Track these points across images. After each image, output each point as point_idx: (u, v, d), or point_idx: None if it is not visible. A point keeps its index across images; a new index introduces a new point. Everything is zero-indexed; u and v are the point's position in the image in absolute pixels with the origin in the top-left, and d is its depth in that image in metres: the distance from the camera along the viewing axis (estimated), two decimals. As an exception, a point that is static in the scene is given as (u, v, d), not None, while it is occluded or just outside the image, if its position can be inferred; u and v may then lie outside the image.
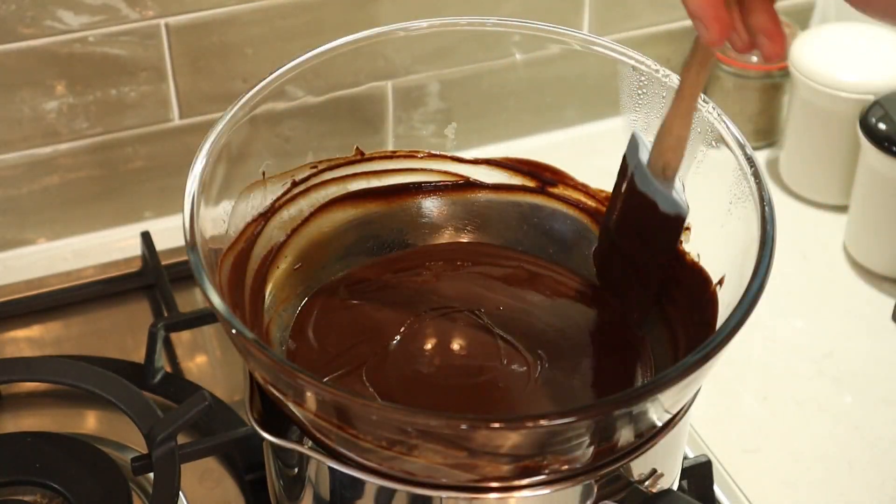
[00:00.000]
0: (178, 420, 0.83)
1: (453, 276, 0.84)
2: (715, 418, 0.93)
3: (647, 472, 0.70)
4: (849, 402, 0.96)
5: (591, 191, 0.85)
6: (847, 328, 1.02)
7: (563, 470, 0.66)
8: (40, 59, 1.01)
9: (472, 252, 0.86)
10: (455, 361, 0.77)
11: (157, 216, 1.11)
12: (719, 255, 0.75)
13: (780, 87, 1.15)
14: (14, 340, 1.01)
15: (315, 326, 0.79)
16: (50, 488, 0.83)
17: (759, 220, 0.70)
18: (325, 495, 0.71)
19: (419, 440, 0.63)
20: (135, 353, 0.97)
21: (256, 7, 1.04)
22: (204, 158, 0.72)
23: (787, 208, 1.12)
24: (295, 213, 0.83)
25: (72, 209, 1.09)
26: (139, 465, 0.82)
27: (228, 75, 1.06)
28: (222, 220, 0.75)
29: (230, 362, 0.98)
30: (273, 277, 0.81)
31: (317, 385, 0.63)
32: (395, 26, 0.82)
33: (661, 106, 0.79)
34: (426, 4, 1.08)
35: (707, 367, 0.64)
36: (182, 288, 1.01)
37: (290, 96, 0.80)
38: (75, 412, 0.93)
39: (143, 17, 1.01)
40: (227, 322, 0.65)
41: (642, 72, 0.79)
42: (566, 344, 0.79)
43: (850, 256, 1.08)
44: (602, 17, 1.15)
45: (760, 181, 0.72)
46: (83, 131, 1.05)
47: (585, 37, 0.82)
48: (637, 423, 0.66)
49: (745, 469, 0.90)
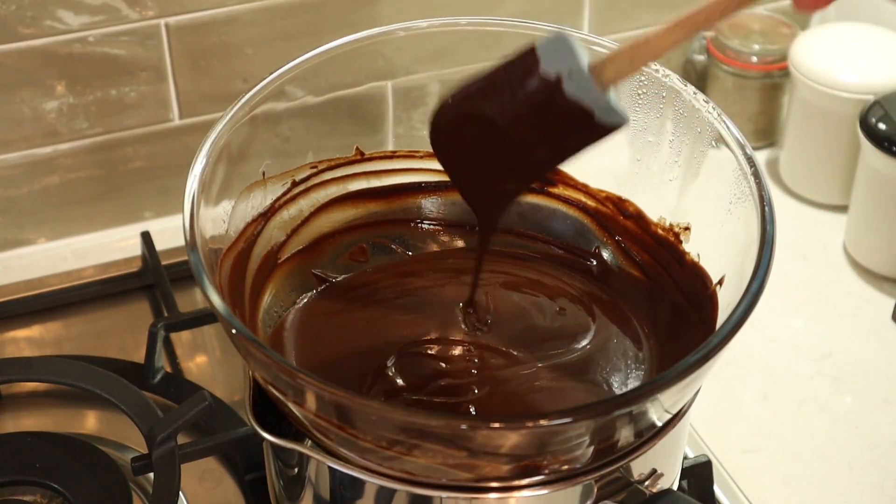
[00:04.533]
0: (178, 420, 0.83)
1: (453, 276, 0.83)
2: (715, 418, 0.93)
3: (647, 472, 0.70)
4: (849, 402, 0.96)
5: (591, 191, 0.85)
6: (847, 328, 1.02)
7: (563, 470, 0.66)
8: (40, 59, 1.01)
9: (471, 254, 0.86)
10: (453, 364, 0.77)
11: (157, 216, 1.11)
12: (719, 255, 0.75)
13: (780, 87, 1.15)
14: (14, 340, 1.01)
15: (314, 327, 0.79)
16: (50, 488, 0.83)
17: (759, 220, 0.70)
18: (325, 495, 0.71)
19: (419, 440, 0.63)
20: (135, 353, 0.97)
21: (256, 7, 1.04)
22: (204, 158, 0.72)
23: (787, 208, 1.12)
24: (295, 213, 0.83)
25: (72, 209, 1.09)
26: (139, 465, 0.82)
27: (228, 75, 1.06)
28: (222, 220, 0.75)
29: (230, 362, 0.98)
30: (273, 277, 0.81)
31: (317, 385, 0.63)
32: (395, 26, 0.82)
33: (661, 106, 0.79)
34: (426, 4, 1.08)
35: (707, 367, 0.64)
36: (182, 288, 1.01)
37: (290, 96, 0.80)
38: (75, 412, 0.93)
39: (143, 17, 1.01)
40: (227, 322, 0.65)
41: (642, 72, 0.79)
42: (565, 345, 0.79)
43: (850, 256, 1.08)
44: (602, 17, 1.15)
45: (760, 181, 0.72)
46: (83, 131, 1.05)
47: (585, 37, 0.82)
48: (637, 423, 0.66)
49: (745, 469, 0.90)
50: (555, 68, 0.66)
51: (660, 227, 0.81)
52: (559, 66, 0.66)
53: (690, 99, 0.77)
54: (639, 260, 0.82)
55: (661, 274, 0.81)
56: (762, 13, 1.18)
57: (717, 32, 1.15)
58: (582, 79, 0.66)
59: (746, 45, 1.14)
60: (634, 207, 0.83)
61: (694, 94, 0.76)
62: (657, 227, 0.81)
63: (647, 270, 0.82)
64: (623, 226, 0.83)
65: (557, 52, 0.67)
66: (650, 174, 0.81)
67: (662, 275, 0.80)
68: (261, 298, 0.79)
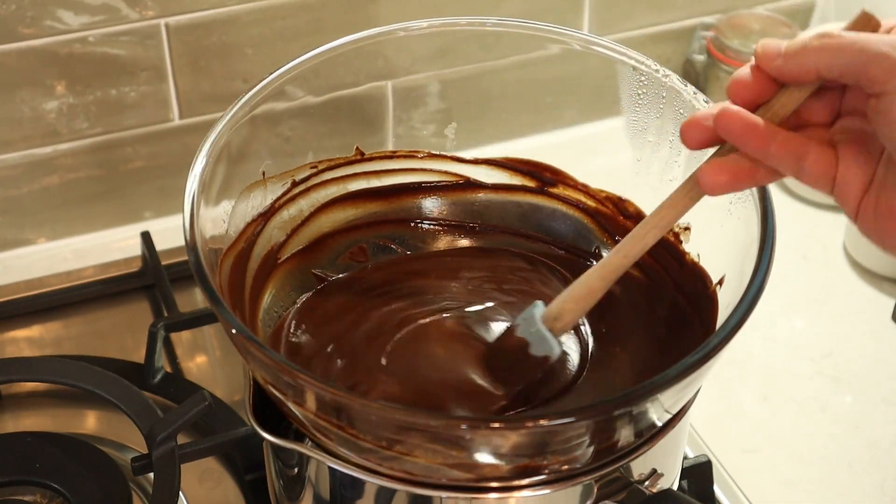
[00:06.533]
0: (178, 420, 0.83)
1: (452, 277, 0.83)
2: (715, 418, 0.93)
3: (647, 472, 0.70)
4: (849, 402, 0.96)
5: (591, 191, 0.85)
6: (847, 328, 1.02)
7: (563, 470, 0.66)
8: (40, 59, 1.01)
9: (472, 253, 0.86)
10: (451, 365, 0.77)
11: (157, 216, 1.11)
12: (719, 255, 0.75)
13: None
14: (14, 340, 1.01)
15: (314, 327, 0.79)
16: (50, 488, 0.83)
17: (759, 220, 0.70)
18: (325, 495, 0.71)
19: (419, 440, 0.63)
20: (135, 353, 0.97)
21: (256, 7, 1.04)
22: (204, 158, 0.72)
23: (787, 208, 1.12)
24: (295, 213, 0.83)
25: (72, 209, 1.09)
26: (139, 465, 0.82)
27: (228, 75, 1.06)
28: (222, 220, 0.75)
29: (230, 362, 0.98)
30: (273, 277, 0.81)
31: (317, 385, 0.63)
32: (395, 26, 0.82)
33: (661, 106, 0.79)
34: (426, 4, 1.08)
35: (707, 367, 0.64)
36: (182, 288, 1.01)
37: (290, 96, 0.80)
38: (75, 412, 0.93)
39: (143, 17, 1.01)
40: (227, 322, 0.65)
41: (642, 72, 0.79)
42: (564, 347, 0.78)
43: (850, 256, 1.08)
44: (602, 17, 1.15)
45: (760, 181, 0.72)
46: (83, 131, 1.05)
47: (585, 37, 0.82)
48: (637, 423, 0.66)
49: (745, 469, 0.90)
50: (520, 318, 0.73)
51: (660, 227, 0.81)
52: (522, 315, 0.73)
53: (690, 99, 0.76)
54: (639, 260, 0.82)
55: (660, 274, 0.81)
56: (762, 13, 1.18)
57: (716, 32, 1.15)
58: (531, 322, 0.72)
59: (746, 45, 1.14)
60: (634, 207, 0.83)
61: (694, 95, 0.76)
62: (657, 227, 0.81)
63: (646, 270, 0.81)
64: (623, 226, 0.83)
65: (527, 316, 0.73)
66: (650, 174, 0.81)
67: (662, 275, 0.80)
68: (261, 298, 0.79)
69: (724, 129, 0.61)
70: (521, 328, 0.73)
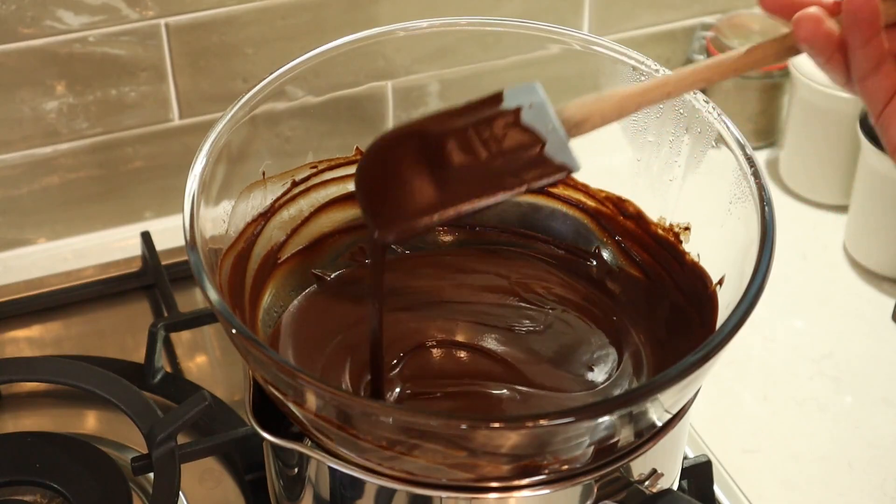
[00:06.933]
0: (178, 420, 0.83)
1: (452, 276, 0.83)
2: (715, 418, 0.93)
3: (647, 472, 0.70)
4: (849, 402, 0.96)
5: (591, 191, 0.85)
6: (847, 328, 1.02)
7: (563, 470, 0.66)
8: (40, 59, 1.01)
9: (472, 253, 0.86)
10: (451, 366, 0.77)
11: (157, 216, 1.11)
12: (719, 255, 0.75)
13: (780, 87, 1.15)
14: (14, 340, 1.01)
15: (314, 327, 0.79)
16: (50, 488, 0.83)
17: (759, 220, 0.70)
18: (325, 495, 0.71)
19: (419, 440, 0.63)
20: (135, 353, 0.97)
21: (256, 7, 1.04)
22: (204, 158, 0.72)
23: (787, 208, 1.12)
24: (295, 213, 0.83)
25: (72, 209, 1.09)
26: (139, 465, 0.82)
27: (228, 75, 1.06)
28: (222, 220, 0.75)
29: (230, 362, 0.98)
30: (273, 277, 0.81)
31: (317, 385, 0.63)
32: (395, 26, 0.82)
33: (661, 106, 0.78)
34: (426, 4, 1.08)
35: (707, 367, 0.64)
36: (182, 288, 1.01)
37: (290, 96, 0.80)
38: (75, 412, 0.93)
39: (143, 17, 1.01)
40: (227, 322, 0.65)
41: (642, 72, 0.79)
42: (564, 347, 0.79)
43: (850, 256, 1.08)
44: (602, 17, 1.15)
45: (760, 181, 0.72)
46: (83, 131, 1.05)
47: (585, 37, 0.82)
48: (637, 423, 0.66)
49: (745, 469, 0.90)
50: (516, 103, 0.66)
51: (660, 227, 0.81)
52: (521, 101, 0.66)
53: (690, 99, 0.77)
54: (639, 260, 0.82)
55: (660, 274, 0.81)
56: (762, 13, 1.18)
57: (716, 32, 1.15)
58: (543, 112, 0.65)
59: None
60: (634, 207, 0.83)
61: (694, 95, 0.76)
62: (657, 227, 0.81)
63: (647, 270, 0.82)
64: (623, 226, 0.83)
65: (524, 93, 0.66)
66: (650, 174, 0.81)
67: (662, 275, 0.80)
68: (261, 298, 0.79)
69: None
70: (528, 115, 0.65)
